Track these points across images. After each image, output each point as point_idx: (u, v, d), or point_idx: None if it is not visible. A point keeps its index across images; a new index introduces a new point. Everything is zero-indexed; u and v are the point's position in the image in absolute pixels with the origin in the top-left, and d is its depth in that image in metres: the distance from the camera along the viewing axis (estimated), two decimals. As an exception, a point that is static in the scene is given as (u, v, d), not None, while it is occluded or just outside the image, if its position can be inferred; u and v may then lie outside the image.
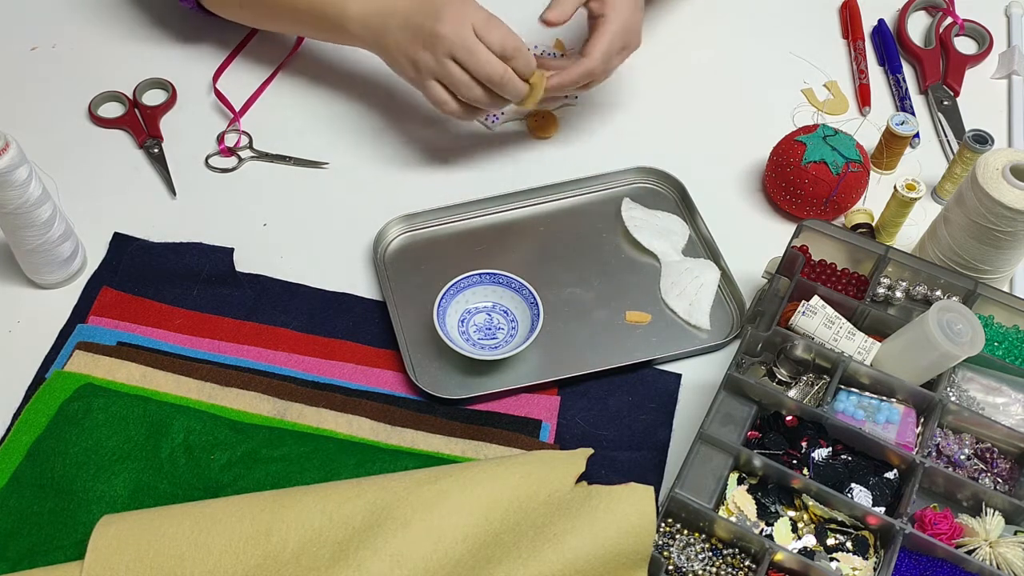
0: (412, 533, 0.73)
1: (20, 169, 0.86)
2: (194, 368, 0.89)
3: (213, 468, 0.83)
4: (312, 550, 0.74)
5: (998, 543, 0.77)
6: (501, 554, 0.73)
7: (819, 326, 0.87)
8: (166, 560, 0.73)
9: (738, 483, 0.82)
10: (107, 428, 0.84)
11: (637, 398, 0.90)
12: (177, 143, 1.09)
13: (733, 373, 0.84)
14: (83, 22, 1.21)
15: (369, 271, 0.99)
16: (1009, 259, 0.93)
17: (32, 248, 0.92)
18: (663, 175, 1.06)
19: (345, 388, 0.90)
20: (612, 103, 1.15)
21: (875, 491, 0.81)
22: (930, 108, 1.16)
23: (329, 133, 1.11)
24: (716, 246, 1.00)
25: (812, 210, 1.01)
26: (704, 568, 0.78)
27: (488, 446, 0.85)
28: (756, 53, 1.21)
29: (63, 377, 0.87)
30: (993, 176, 0.88)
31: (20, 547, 0.78)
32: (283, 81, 1.16)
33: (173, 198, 1.05)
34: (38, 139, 1.04)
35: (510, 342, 0.92)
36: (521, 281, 0.93)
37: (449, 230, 1.03)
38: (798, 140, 1.01)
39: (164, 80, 1.14)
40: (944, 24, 1.23)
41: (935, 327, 0.81)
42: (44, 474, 0.82)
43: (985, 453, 0.85)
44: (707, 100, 1.16)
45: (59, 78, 1.15)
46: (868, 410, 0.85)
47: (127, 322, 0.93)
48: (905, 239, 1.03)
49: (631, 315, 0.96)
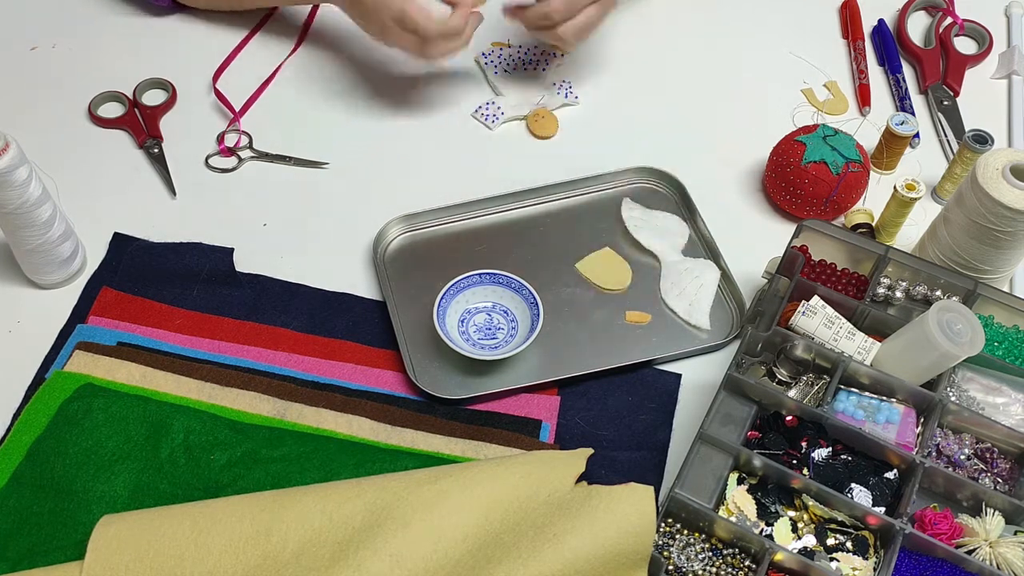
0: (412, 533, 0.73)
1: (20, 169, 0.86)
2: (194, 368, 0.89)
3: (213, 468, 0.83)
4: (312, 550, 0.74)
5: (998, 543, 0.77)
6: (501, 554, 0.73)
7: (819, 326, 0.87)
8: (166, 560, 0.73)
9: (738, 483, 0.82)
10: (107, 428, 0.84)
11: (637, 398, 0.90)
12: (177, 143, 1.09)
13: (733, 373, 0.84)
14: (83, 22, 1.21)
15: (369, 271, 0.99)
16: (1009, 259, 0.93)
17: (32, 248, 0.92)
18: (663, 175, 1.06)
19: (345, 388, 0.90)
20: (612, 103, 1.15)
21: (875, 491, 0.81)
22: (930, 108, 1.16)
23: (329, 133, 1.11)
24: (716, 246, 1.00)
25: (812, 210, 1.01)
26: (704, 568, 0.78)
27: (488, 446, 0.85)
28: (756, 53, 1.21)
29: (63, 377, 0.87)
30: (993, 176, 0.88)
31: (20, 547, 0.78)
32: (283, 81, 1.16)
33: (173, 198, 1.05)
34: (38, 139, 1.04)
35: (510, 342, 0.92)
36: (521, 281, 0.93)
37: (449, 230, 1.03)
38: (798, 140, 1.01)
39: (164, 80, 1.14)
40: (944, 24, 1.23)
41: (935, 327, 0.81)
42: (44, 474, 0.82)
43: (985, 453, 0.85)
44: (707, 100, 1.16)
45: (59, 78, 1.15)
46: (868, 410, 0.85)
47: (127, 322, 0.93)
48: (905, 239, 1.03)
49: (631, 315, 0.96)
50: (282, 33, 1.21)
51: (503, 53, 1.18)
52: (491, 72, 1.16)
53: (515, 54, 1.18)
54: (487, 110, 1.13)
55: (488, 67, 1.17)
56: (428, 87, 1.16)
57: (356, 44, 1.19)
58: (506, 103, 1.13)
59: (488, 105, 1.13)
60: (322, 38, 1.20)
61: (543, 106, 1.13)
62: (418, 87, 1.16)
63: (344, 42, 1.20)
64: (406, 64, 1.17)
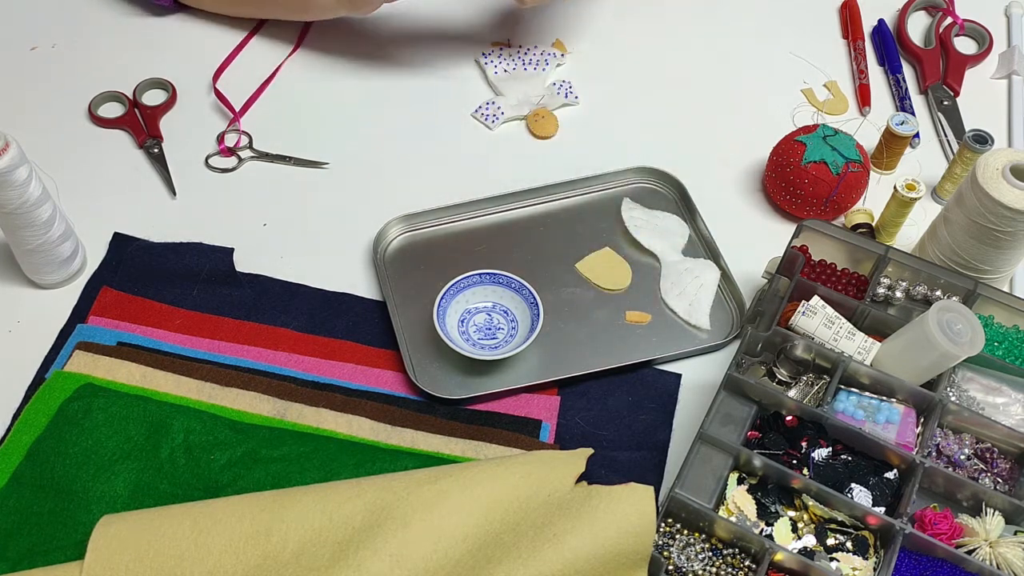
0: (412, 533, 0.73)
1: (20, 169, 0.86)
2: (194, 368, 0.89)
3: (213, 468, 0.83)
4: (312, 550, 0.74)
5: (998, 543, 0.77)
6: (501, 554, 0.73)
7: (819, 326, 0.87)
8: (166, 560, 0.73)
9: (738, 483, 0.82)
10: (107, 428, 0.84)
11: (637, 398, 0.90)
12: (177, 143, 1.09)
13: (733, 373, 0.84)
14: (83, 22, 1.21)
15: (369, 271, 0.99)
16: (1009, 259, 0.93)
17: (32, 248, 0.92)
18: (663, 175, 1.06)
19: (345, 388, 0.90)
20: (612, 103, 1.15)
21: (875, 491, 0.81)
22: (930, 108, 1.16)
23: (329, 133, 1.11)
24: (716, 246, 1.00)
25: (812, 210, 1.01)
26: (704, 568, 0.78)
27: (488, 446, 0.85)
28: (756, 53, 1.21)
29: (63, 377, 0.87)
30: (993, 176, 0.88)
31: (20, 547, 0.78)
32: (283, 81, 1.16)
33: (173, 198, 1.05)
34: (38, 139, 1.04)
35: (510, 342, 0.92)
36: (521, 281, 0.93)
37: (449, 230, 1.03)
38: (798, 140, 1.01)
39: (164, 80, 1.14)
40: (944, 24, 1.23)
41: (935, 327, 0.81)
42: (44, 474, 0.82)
43: (985, 453, 0.85)
44: (707, 100, 1.16)
45: (59, 78, 1.15)
46: (868, 410, 0.85)
47: (127, 322, 0.93)
48: (905, 239, 1.03)
49: (631, 315, 0.96)
50: (282, 33, 1.21)
51: (503, 53, 1.18)
52: (491, 72, 1.16)
53: (515, 54, 1.18)
54: (487, 110, 1.13)
55: (488, 67, 1.17)
56: (428, 87, 1.16)
57: (357, 44, 1.19)
58: (506, 103, 1.13)
59: (488, 105, 1.13)
60: (322, 38, 1.20)
61: (543, 106, 1.13)
62: (418, 87, 1.16)
63: (344, 42, 1.20)
64: (406, 64, 1.17)
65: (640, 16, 1.25)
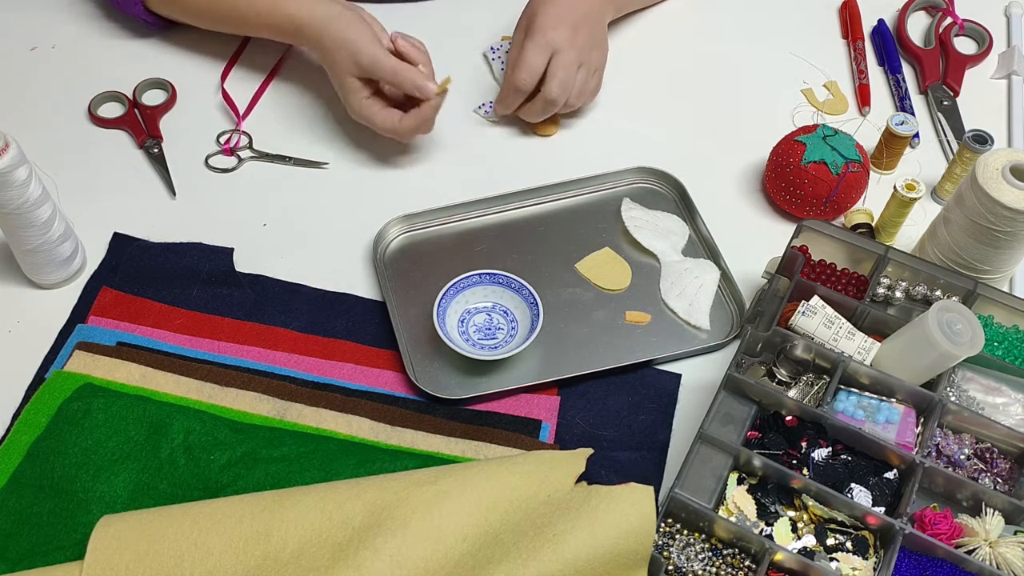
0: (412, 533, 0.73)
1: (20, 169, 0.86)
2: (194, 368, 0.89)
3: (213, 468, 0.83)
4: (312, 550, 0.74)
5: (998, 543, 0.77)
6: (501, 554, 0.73)
7: (819, 326, 0.87)
8: (166, 560, 0.73)
9: (738, 483, 0.82)
10: (107, 428, 0.84)
11: (637, 398, 0.90)
12: (177, 143, 1.09)
13: (733, 373, 0.84)
14: (83, 22, 1.21)
15: (369, 271, 0.99)
16: (1009, 259, 0.93)
17: (32, 248, 0.92)
18: (663, 175, 1.06)
19: (345, 388, 0.90)
20: (612, 103, 1.15)
21: (875, 491, 0.81)
22: (930, 108, 1.16)
23: (329, 133, 1.11)
24: (716, 246, 1.00)
25: (812, 210, 1.01)
26: (704, 568, 0.78)
27: (488, 446, 0.85)
28: (756, 53, 1.21)
29: (63, 377, 0.87)
30: (993, 176, 0.88)
31: (20, 547, 0.78)
32: (283, 81, 1.16)
33: (173, 198, 1.05)
34: (38, 139, 1.04)
35: (510, 342, 0.92)
36: (521, 281, 0.93)
37: (449, 230, 1.03)
38: (798, 140, 1.01)
39: (164, 80, 1.14)
40: (944, 24, 1.23)
41: (935, 327, 0.81)
42: (44, 474, 0.82)
43: (985, 453, 0.85)
44: (707, 100, 1.16)
45: (59, 78, 1.15)
46: (868, 410, 0.85)
47: (127, 322, 0.93)
48: (905, 239, 1.03)
49: (631, 315, 0.96)
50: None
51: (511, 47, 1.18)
52: (497, 67, 1.16)
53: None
54: (489, 108, 1.13)
55: (495, 62, 1.17)
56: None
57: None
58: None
59: (490, 104, 1.13)
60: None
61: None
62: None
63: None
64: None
65: (640, 16, 1.25)
